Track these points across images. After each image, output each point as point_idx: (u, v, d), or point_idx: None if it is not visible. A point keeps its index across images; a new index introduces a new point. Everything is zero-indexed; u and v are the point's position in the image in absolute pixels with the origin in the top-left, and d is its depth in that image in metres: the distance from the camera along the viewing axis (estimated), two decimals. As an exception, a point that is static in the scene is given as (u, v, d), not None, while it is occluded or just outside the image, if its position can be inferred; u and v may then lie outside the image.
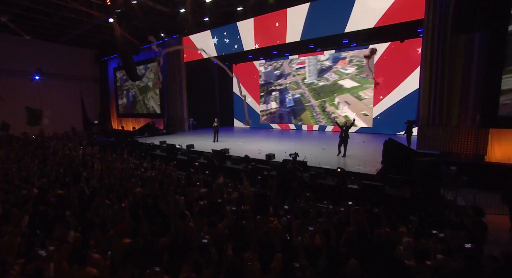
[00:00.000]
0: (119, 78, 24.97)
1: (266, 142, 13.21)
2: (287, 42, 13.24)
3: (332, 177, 7.16)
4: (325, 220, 3.54)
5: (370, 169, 7.56)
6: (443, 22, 9.44)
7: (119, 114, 25.58)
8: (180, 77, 18.65)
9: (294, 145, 12.20)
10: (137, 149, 12.74)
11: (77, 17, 16.40)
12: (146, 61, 21.16)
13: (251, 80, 21.03)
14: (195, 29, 15.78)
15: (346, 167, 7.75)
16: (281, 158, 8.92)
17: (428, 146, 10.01)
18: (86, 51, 24.11)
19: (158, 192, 5.20)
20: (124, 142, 14.30)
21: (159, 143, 12.73)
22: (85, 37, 20.61)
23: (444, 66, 9.60)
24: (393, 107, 15.23)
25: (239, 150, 10.94)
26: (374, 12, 10.71)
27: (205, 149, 11.41)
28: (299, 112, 18.86)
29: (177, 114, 19.22)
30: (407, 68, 14.56)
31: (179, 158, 10.63)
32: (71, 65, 23.13)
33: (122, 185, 5.67)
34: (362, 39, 14.06)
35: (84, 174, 6.22)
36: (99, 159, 8.24)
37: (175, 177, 6.28)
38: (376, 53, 15.28)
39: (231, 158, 9.46)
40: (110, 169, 6.86)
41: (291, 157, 6.77)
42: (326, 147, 11.32)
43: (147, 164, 7.75)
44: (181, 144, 11.79)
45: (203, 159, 10.06)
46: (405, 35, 13.47)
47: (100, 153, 9.74)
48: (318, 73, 17.61)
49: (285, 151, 10.33)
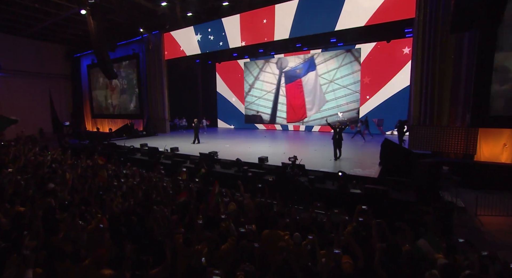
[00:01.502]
0: (93, 76, 23.29)
1: (254, 143, 12.65)
2: (275, 39, 12.76)
3: (332, 181, 6.75)
4: (349, 238, 3.03)
5: (370, 172, 7.24)
6: (433, 21, 9.42)
7: (93, 115, 23.88)
8: (161, 76, 17.59)
9: (284, 146, 11.76)
10: (115, 152, 11.69)
11: (42, 7, 14.88)
12: (124, 58, 19.83)
13: (235, 79, 20.39)
14: (180, 24, 14.85)
15: (344, 170, 7.39)
16: (274, 161, 8.43)
17: (420, 146, 9.96)
18: (55, 46, 22.22)
19: (143, 205, 4.47)
20: (100, 145, 13.12)
21: (140, 146, 11.76)
22: (53, 31, 18.90)
23: (434, 66, 9.58)
24: (380, 107, 15.27)
25: (228, 152, 10.30)
26: (365, 10, 10.52)
27: (191, 151, 10.65)
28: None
29: (158, 114, 18.14)
30: (393, 69, 14.65)
31: (163, 162, 9.79)
32: (37, 62, 21.17)
33: (99, 197, 4.86)
34: (350, 39, 13.92)
35: (52, 185, 5.31)
36: (70, 166, 7.25)
37: (161, 186, 5.54)
38: (363, 53, 15.44)
39: (221, 161, 8.80)
40: (84, 177, 5.97)
41: (290, 161, 6.25)
42: (318, 148, 10.97)
43: (128, 171, 6.92)
44: (166, 147, 10.91)
45: (190, 163, 9.33)
46: (392, 35, 13.50)
47: (72, 159, 8.67)
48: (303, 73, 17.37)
49: (279, 153, 9.97)
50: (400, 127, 10.60)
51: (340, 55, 16.10)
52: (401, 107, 14.16)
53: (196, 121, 13.12)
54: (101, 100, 23.02)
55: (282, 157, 9.30)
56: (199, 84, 21.80)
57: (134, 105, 20.18)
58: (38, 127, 21.38)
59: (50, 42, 21.57)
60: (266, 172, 7.57)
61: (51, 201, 4.05)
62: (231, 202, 4.31)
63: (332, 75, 16.45)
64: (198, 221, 3.38)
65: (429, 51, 9.60)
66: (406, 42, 14.01)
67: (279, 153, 10.27)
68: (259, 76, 19.29)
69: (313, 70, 17.01)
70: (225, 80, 21.09)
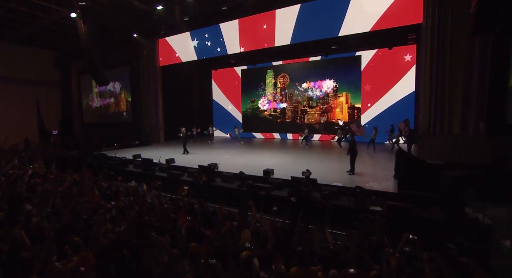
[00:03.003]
0: (84, 83, 22.42)
1: (255, 154, 11.96)
2: (276, 45, 12.29)
3: (347, 197, 6.12)
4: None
5: (387, 186, 6.64)
6: (442, 27, 9.11)
7: (83, 123, 22.86)
8: (155, 82, 16.90)
9: (288, 157, 11.11)
10: (105, 164, 10.83)
11: (29, 11, 14.12)
12: (117, 64, 19.08)
13: (232, 87, 19.84)
14: (176, 29, 14.29)
15: (359, 184, 6.78)
16: (281, 174, 7.77)
17: (430, 155, 9.48)
18: (44, 52, 21.33)
19: (137, 232, 3.73)
20: (89, 156, 12.23)
21: (132, 157, 10.93)
22: (41, 36, 18.05)
23: (444, 73, 9.21)
24: (382, 115, 14.86)
25: (228, 163, 9.59)
26: (370, 15, 10.17)
27: (188, 163, 9.90)
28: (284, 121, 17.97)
29: (152, 123, 17.34)
30: (395, 76, 14.32)
31: (158, 175, 9.00)
32: (24, 68, 20.22)
33: (85, 223, 4.09)
34: (352, 45, 13.61)
35: (28, 207, 4.52)
36: (53, 181, 6.42)
37: (158, 205, 4.78)
38: (364, 61, 15.14)
39: (222, 174, 8.08)
40: (68, 197, 5.17)
41: (303, 175, 5.60)
42: (323, 159, 10.37)
43: (120, 188, 6.13)
44: (161, 158, 10.16)
45: (187, 176, 8.57)
46: (395, 42, 13.21)
47: (56, 172, 7.82)
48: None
49: (283, 164, 9.35)
50: (409, 136, 10.13)
51: (340, 62, 15.75)
52: (404, 115, 13.82)
53: (184, 130, 12.33)
54: (91, 108, 22.10)
55: (288, 169, 8.67)
56: (194, 92, 21.11)
57: (127, 113, 19.35)
58: (24, 137, 20.26)
59: (38, 48, 20.68)
60: (273, 186, 6.89)
61: (20, 234, 3.24)
62: (245, 230, 3.60)
63: (332, 83, 16.08)
64: (209, 259, 2.66)
65: (438, 58, 9.25)
66: (408, 49, 13.77)
67: (284, 164, 9.63)
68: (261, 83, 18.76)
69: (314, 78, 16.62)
70: (221, 88, 20.52)
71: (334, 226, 5.46)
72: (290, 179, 6.86)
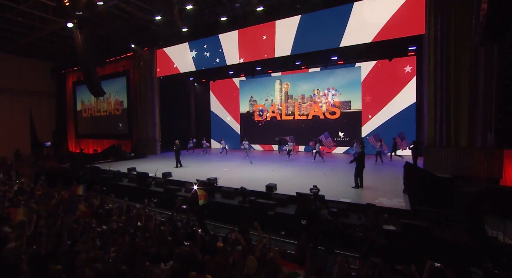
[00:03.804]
0: (79, 94, 22.08)
1: (255, 167, 11.53)
2: (276, 56, 12.14)
3: (357, 214, 5.71)
4: None
5: (399, 202, 6.25)
6: (445, 37, 9.02)
7: (78, 134, 22.34)
8: (152, 93, 16.59)
9: (289, 170, 10.71)
10: (98, 178, 10.31)
11: (26, 21, 13.91)
12: (113, 75, 18.82)
13: (230, 98, 19.61)
14: (175, 40, 14.15)
15: (368, 200, 6.39)
16: (284, 189, 7.35)
17: (436, 168, 9.17)
18: (40, 62, 21.08)
19: (130, 260, 3.27)
20: (82, 169, 11.70)
21: (127, 170, 10.44)
22: (37, 46, 17.83)
23: (449, 84, 9.04)
24: (383, 126, 14.63)
25: (228, 177, 9.15)
26: (372, 26, 10.09)
27: (186, 177, 9.44)
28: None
29: (148, 135, 16.91)
30: (395, 87, 14.20)
31: (154, 190, 8.52)
32: (19, 78, 19.91)
33: (70, 248, 3.62)
34: (352, 56, 13.54)
35: (6, 229, 4.04)
36: (39, 199, 5.92)
37: (153, 228, 4.32)
38: (363, 72, 15.06)
39: (222, 189, 7.63)
40: (54, 217, 4.69)
41: (311, 192, 5.20)
42: (326, 172, 9.98)
43: (111, 205, 5.66)
44: (157, 172, 9.70)
45: (185, 191, 8.10)
46: (395, 53, 13.15)
47: (44, 188, 7.31)
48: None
49: (285, 178, 8.82)
50: (414, 148, 9.84)
51: (340, 73, 15.66)
52: (405, 126, 13.64)
53: (178, 143, 11.86)
54: (86, 119, 21.66)
55: (292, 183, 8.26)
56: (191, 103, 20.80)
57: (123, 124, 18.93)
58: (15, 148, 19.66)
59: (34, 58, 20.43)
60: (277, 203, 6.46)
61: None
62: (250, 256, 3.15)
63: (332, 94, 15.93)
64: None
65: (442, 69, 9.11)
66: (408, 60, 13.73)
67: (286, 177, 9.22)
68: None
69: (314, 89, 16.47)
70: (219, 99, 20.28)
71: (347, 247, 5.08)
72: (296, 195, 6.45)
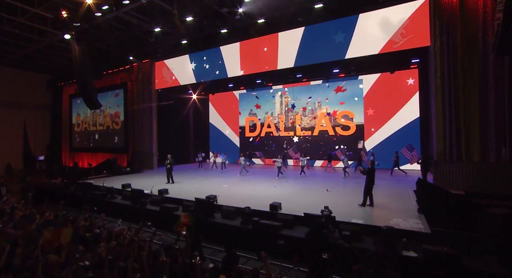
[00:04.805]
0: (75, 107, 21.69)
1: (256, 183, 10.99)
2: (278, 68, 11.90)
3: (372, 237, 5.17)
4: None
5: (416, 223, 5.73)
6: (451, 49, 8.81)
7: (72, 148, 21.75)
8: (150, 106, 16.22)
9: (292, 186, 10.17)
10: (90, 195, 9.71)
11: (23, 34, 13.69)
12: (111, 87, 18.52)
13: (229, 110, 19.29)
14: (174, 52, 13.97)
15: (382, 220, 5.87)
16: (289, 209, 6.81)
17: (448, 184, 8.71)
18: (36, 75, 20.80)
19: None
20: (73, 185, 11.09)
21: (121, 187, 9.85)
22: (34, 58, 17.59)
23: (457, 96, 8.75)
24: (387, 141, 14.24)
25: (228, 195, 8.60)
26: (378, 38, 9.90)
27: (184, 194, 8.88)
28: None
29: (145, 149, 16.39)
30: (399, 100, 13.93)
31: (149, 209, 7.94)
32: (15, 91, 19.58)
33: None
34: (354, 69, 13.33)
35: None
36: (20, 220, 5.33)
37: (146, 257, 3.76)
38: (366, 85, 14.86)
39: (222, 208, 7.07)
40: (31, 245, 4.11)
41: (323, 214, 4.69)
42: (331, 188, 9.47)
43: (102, 229, 5.08)
44: (153, 189, 9.15)
45: (182, 210, 7.53)
46: (397, 66, 12.97)
47: (27, 207, 6.72)
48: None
49: (287, 195, 8.26)
50: (423, 162, 9.40)
51: (342, 86, 15.45)
52: (410, 140, 13.29)
53: (170, 157, 11.19)
54: (81, 133, 21.16)
55: (297, 201, 7.74)
56: (190, 115, 20.39)
57: (119, 138, 18.43)
58: (6, 162, 19.00)
59: (30, 71, 20.16)
60: (282, 224, 5.91)
61: None
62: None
63: (334, 107, 15.67)
64: None
65: (450, 81, 8.85)
66: (410, 73, 13.57)
67: (290, 195, 8.69)
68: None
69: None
70: (218, 111, 19.95)
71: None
72: (303, 216, 5.92)
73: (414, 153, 11.83)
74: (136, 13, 11.12)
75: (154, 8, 10.62)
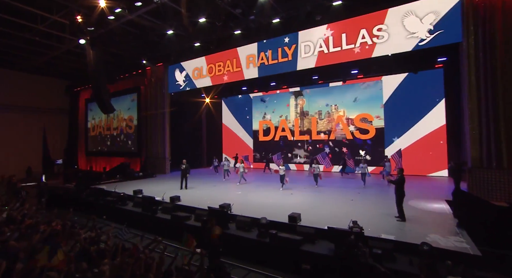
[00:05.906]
0: (90, 111, 22.03)
1: (272, 190, 10.41)
2: (298, 69, 11.36)
3: (408, 258, 4.52)
4: None
5: (458, 241, 4.99)
6: (488, 45, 7.99)
7: (88, 152, 22.04)
8: (163, 110, 16.08)
9: (310, 194, 9.55)
10: (101, 201, 9.50)
11: (43, 41, 13.90)
12: (124, 92, 18.60)
13: (243, 111, 18.86)
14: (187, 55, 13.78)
15: (414, 237, 5.16)
16: (310, 220, 6.22)
17: (484, 194, 7.82)
18: (55, 80, 21.33)
19: None
20: (85, 190, 10.96)
21: (133, 193, 9.58)
22: (53, 65, 17.97)
23: (496, 97, 7.90)
24: (409, 148, 13.19)
25: (242, 203, 8.10)
26: (402, 35, 9.18)
27: (196, 201, 8.45)
28: (300, 150, 16.60)
29: (158, 153, 16.23)
30: (423, 105, 12.94)
31: (160, 217, 7.57)
32: (34, 96, 20.14)
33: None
34: (373, 70, 12.56)
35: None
36: (27, 229, 5.05)
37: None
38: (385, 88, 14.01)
39: (237, 219, 6.58)
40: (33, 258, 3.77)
41: (352, 230, 4.10)
42: (354, 197, 8.78)
43: (107, 241, 4.71)
44: (164, 196, 8.81)
45: (194, 220, 7.11)
46: (421, 65, 12.09)
47: (39, 213, 6.50)
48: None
49: (305, 204, 7.60)
50: (457, 170, 8.53)
51: (362, 88, 14.69)
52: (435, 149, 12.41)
53: (185, 162, 10.77)
54: (96, 137, 21.42)
55: (317, 212, 7.14)
56: (202, 119, 20.08)
57: (132, 142, 18.43)
58: (27, 166, 19.44)
59: (49, 77, 20.69)
60: (303, 239, 5.34)
61: None
62: None
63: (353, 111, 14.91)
64: None
65: (486, 80, 8.01)
66: (435, 73, 12.63)
67: (309, 204, 8.10)
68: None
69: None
70: (233, 112, 19.55)
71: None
72: (326, 229, 5.32)
73: (401, 160, 10.89)
74: (148, 16, 10.99)
75: (166, 10, 10.42)
